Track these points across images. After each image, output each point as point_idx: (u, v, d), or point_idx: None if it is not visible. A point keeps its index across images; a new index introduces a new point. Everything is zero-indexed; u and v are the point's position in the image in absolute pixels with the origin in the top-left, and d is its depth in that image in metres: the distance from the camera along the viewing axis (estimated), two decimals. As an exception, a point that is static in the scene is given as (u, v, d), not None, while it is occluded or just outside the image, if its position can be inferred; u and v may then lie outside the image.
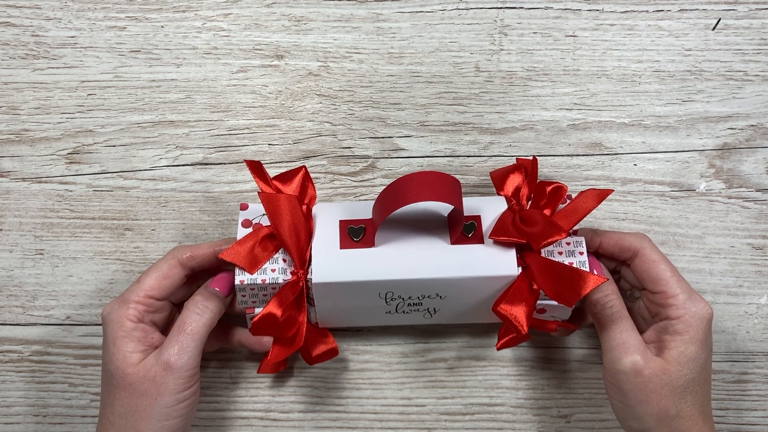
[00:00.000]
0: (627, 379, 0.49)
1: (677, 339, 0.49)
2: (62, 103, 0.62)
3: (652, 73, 0.62)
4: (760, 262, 0.60)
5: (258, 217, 0.53)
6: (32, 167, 0.61)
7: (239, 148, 0.61)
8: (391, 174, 0.61)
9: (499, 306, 0.49)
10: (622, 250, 0.52)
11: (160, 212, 0.61)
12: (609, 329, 0.50)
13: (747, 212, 0.60)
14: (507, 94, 0.62)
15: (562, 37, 0.63)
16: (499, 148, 0.61)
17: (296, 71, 0.63)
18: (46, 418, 0.58)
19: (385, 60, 0.63)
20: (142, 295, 0.51)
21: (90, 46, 0.63)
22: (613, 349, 0.50)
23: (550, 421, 0.58)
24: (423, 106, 0.62)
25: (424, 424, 0.58)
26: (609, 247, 0.53)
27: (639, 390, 0.49)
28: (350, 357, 0.59)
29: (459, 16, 0.63)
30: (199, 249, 0.53)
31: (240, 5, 0.63)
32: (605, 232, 0.54)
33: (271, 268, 0.51)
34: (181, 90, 0.62)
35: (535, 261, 0.50)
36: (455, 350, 0.59)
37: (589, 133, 0.61)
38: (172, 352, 0.49)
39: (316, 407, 0.58)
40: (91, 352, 0.59)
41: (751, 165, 0.61)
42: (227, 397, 0.58)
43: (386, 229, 0.51)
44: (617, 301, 0.51)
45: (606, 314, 0.51)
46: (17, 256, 0.60)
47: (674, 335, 0.49)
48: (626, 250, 0.52)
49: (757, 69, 0.62)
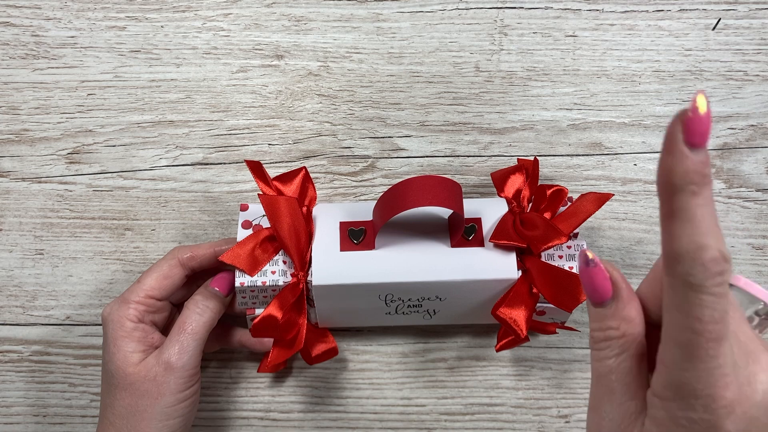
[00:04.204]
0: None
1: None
2: (62, 103, 0.62)
3: (652, 73, 0.62)
4: (760, 262, 0.60)
5: (258, 218, 0.53)
6: (32, 167, 0.61)
7: (239, 148, 0.61)
8: (391, 174, 0.61)
9: (498, 309, 0.50)
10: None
11: (160, 212, 0.61)
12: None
13: (747, 212, 0.60)
14: (507, 94, 0.62)
15: (562, 37, 0.63)
16: (499, 148, 0.61)
17: (296, 71, 0.62)
18: (46, 418, 0.58)
19: (385, 60, 0.62)
20: (142, 295, 0.51)
21: (90, 46, 0.63)
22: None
23: (550, 421, 0.58)
24: (423, 106, 0.62)
25: (424, 424, 0.58)
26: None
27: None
28: (350, 357, 0.59)
29: (459, 16, 0.63)
30: (199, 249, 0.53)
31: (240, 5, 0.63)
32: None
33: (272, 270, 0.51)
34: (181, 90, 0.62)
35: (535, 265, 0.50)
36: (455, 350, 0.59)
37: (589, 133, 0.61)
38: (172, 351, 0.49)
39: (316, 407, 0.58)
40: (91, 352, 0.59)
41: (751, 165, 0.61)
42: (227, 397, 0.58)
43: (386, 231, 0.51)
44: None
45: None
46: (17, 256, 0.60)
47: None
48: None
49: (757, 69, 0.62)
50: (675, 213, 0.31)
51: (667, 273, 0.31)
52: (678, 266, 0.31)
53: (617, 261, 0.59)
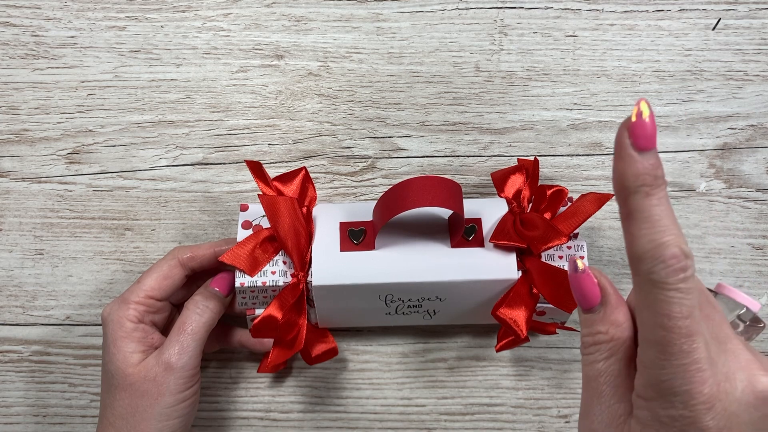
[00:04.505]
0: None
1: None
2: (62, 103, 0.62)
3: (652, 73, 0.62)
4: (760, 262, 0.60)
5: (258, 218, 0.53)
6: (32, 167, 0.61)
7: (239, 148, 0.61)
8: (391, 174, 0.61)
9: (498, 310, 0.50)
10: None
11: (160, 212, 0.61)
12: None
13: (747, 212, 0.60)
14: (507, 94, 0.62)
15: (562, 37, 0.63)
16: (499, 148, 0.61)
17: (296, 71, 0.62)
18: (46, 418, 0.58)
19: (385, 60, 0.62)
20: (142, 296, 0.51)
21: (90, 46, 0.63)
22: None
23: (550, 421, 0.58)
24: (423, 106, 0.62)
25: (424, 424, 0.58)
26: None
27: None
28: (350, 357, 0.59)
29: (459, 16, 0.63)
30: (199, 249, 0.53)
31: (240, 5, 0.63)
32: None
33: (272, 271, 0.51)
34: (181, 90, 0.62)
35: (535, 265, 0.50)
36: (455, 350, 0.59)
37: (589, 133, 0.61)
38: (172, 352, 0.49)
39: (316, 407, 0.58)
40: (91, 352, 0.59)
41: (751, 165, 0.61)
42: (227, 397, 0.58)
43: (386, 232, 0.51)
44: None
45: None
46: (17, 256, 0.60)
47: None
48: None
49: (757, 69, 0.62)
50: (632, 214, 0.32)
51: (634, 273, 0.32)
52: (641, 265, 0.32)
53: (617, 261, 0.59)
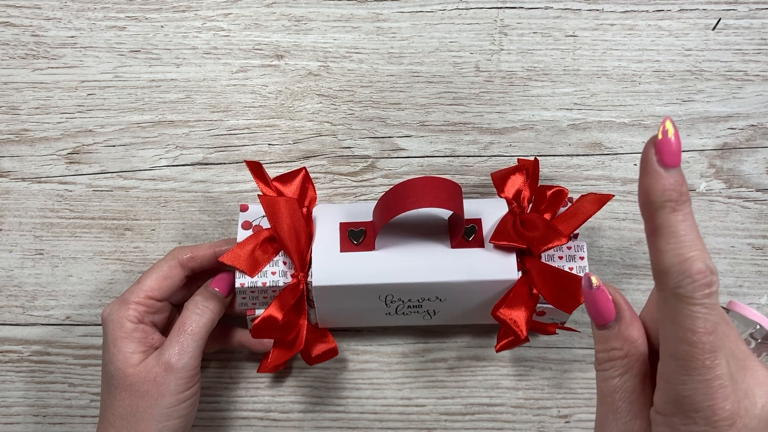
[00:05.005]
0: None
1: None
2: (62, 103, 0.62)
3: (652, 73, 0.62)
4: (760, 262, 0.60)
5: (258, 218, 0.53)
6: (32, 167, 0.61)
7: (239, 148, 0.61)
8: (391, 174, 0.61)
9: (498, 310, 0.50)
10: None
11: (160, 212, 0.61)
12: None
13: (747, 212, 0.60)
14: (507, 94, 0.62)
15: (562, 37, 0.63)
16: (499, 148, 0.61)
17: (296, 71, 0.62)
18: (46, 418, 0.58)
19: (385, 60, 0.62)
20: (142, 296, 0.51)
21: (90, 46, 0.63)
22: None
23: (550, 421, 0.58)
24: (423, 106, 0.62)
25: (424, 424, 0.58)
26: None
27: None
28: (350, 357, 0.59)
29: (459, 16, 0.63)
30: (199, 249, 0.53)
31: (240, 5, 0.63)
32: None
33: (272, 271, 0.51)
34: (181, 90, 0.62)
35: (536, 266, 0.50)
36: (455, 350, 0.59)
37: (589, 133, 0.61)
38: (172, 352, 0.49)
39: (316, 407, 0.58)
40: (90, 352, 0.59)
41: (751, 165, 0.61)
42: (227, 397, 0.58)
43: (386, 232, 0.51)
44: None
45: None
46: (17, 256, 0.60)
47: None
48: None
49: (757, 69, 0.62)
50: (658, 229, 0.32)
51: (658, 288, 0.32)
52: (667, 280, 0.32)
53: (617, 261, 0.59)
